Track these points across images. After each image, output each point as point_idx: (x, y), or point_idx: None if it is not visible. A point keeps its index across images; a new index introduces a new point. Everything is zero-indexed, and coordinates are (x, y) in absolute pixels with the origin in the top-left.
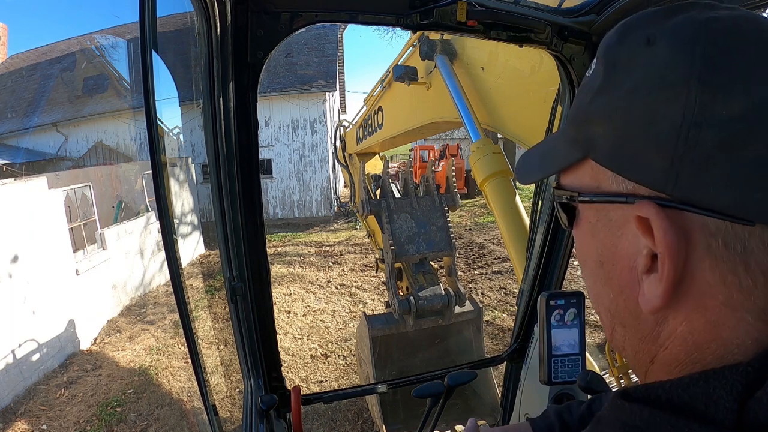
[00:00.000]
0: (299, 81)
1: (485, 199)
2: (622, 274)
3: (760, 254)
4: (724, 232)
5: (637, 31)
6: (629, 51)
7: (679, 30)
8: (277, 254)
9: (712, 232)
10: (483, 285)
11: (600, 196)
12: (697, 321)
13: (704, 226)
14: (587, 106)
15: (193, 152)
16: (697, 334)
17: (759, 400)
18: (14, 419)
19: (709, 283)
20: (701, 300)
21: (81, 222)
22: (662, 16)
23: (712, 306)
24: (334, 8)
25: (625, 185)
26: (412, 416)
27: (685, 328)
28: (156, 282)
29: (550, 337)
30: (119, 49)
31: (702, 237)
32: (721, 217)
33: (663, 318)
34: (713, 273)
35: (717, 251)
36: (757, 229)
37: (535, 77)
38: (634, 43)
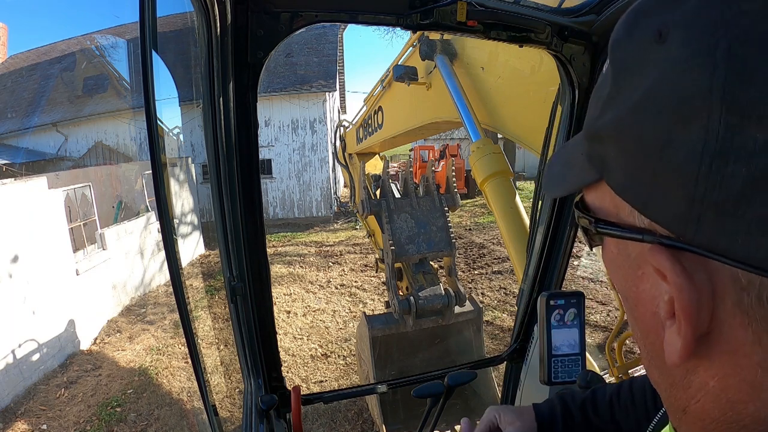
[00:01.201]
0: (299, 81)
1: (485, 199)
2: (646, 317)
3: None
4: (759, 287)
5: (647, 20)
6: (638, 49)
7: (697, 18)
8: (277, 254)
9: (743, 286)
10: (483, 285)
11: (615, 229)
12: (731, 379)
13: (735, 278)
14: (597, 119)
15: (193, 152)
16: (731, 393)
17: None
18: (14, 419)
19: (741, 341)
20: (734, 358)
21: (81, 222)
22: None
23: (747, 365)
24: (334, 8)
25: (641, 219)
26: (412, 416)
27: (717, 384)
28: (156, 282)
29: (550, 337)
30: (119, 49)
31: (732, 290)
32: (755, 270)
33: (693, 367)
34: (746, 331)
35: (750, 308)
36: None
37: (535, 77)
38: (642, 38)
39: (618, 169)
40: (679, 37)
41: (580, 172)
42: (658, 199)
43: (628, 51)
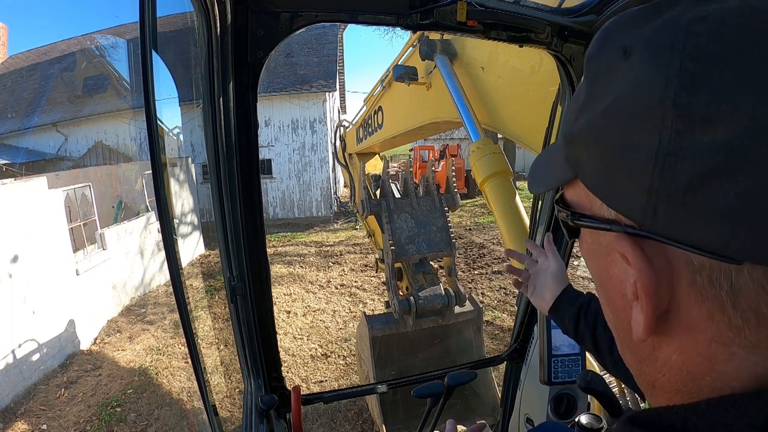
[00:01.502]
0: (299, 81)
1: (485, 199)
2: (616, 299)
3: (750, 293)
4: (709, 269)
5: (615, 38)
6: (608, 62)
7: (656, 38)
8: (277, 254)
9: (696, 268)
10: (483, 285)
11: (589, 220)
12: (689, 353)
13: (688, 261)
14: (572, 124)
15: (193, 152)
16: (691, 366)
17: None
18: (14, 419)
19: (696, 318)
20: (691, 333)
21: (81, 222)
22: (643, 18)
23: (703, 341)
24: (334, 8)
25: (609, 211)
26: (412, 416)
27: (678, 358)
28: (156, 282)
29: (550, 337)
30: (119, 49)
31: (686, 272)
32: (704, 254)
33: (658, 344)
34: (699, 308)
35: (702, 287)
36: (746, 267)
37: (535, 77)
38: (611, 53)
39: (589, 168)
40: (640, 54)
41: (559, 171)
42: (622, 193)
43: (599, 64)
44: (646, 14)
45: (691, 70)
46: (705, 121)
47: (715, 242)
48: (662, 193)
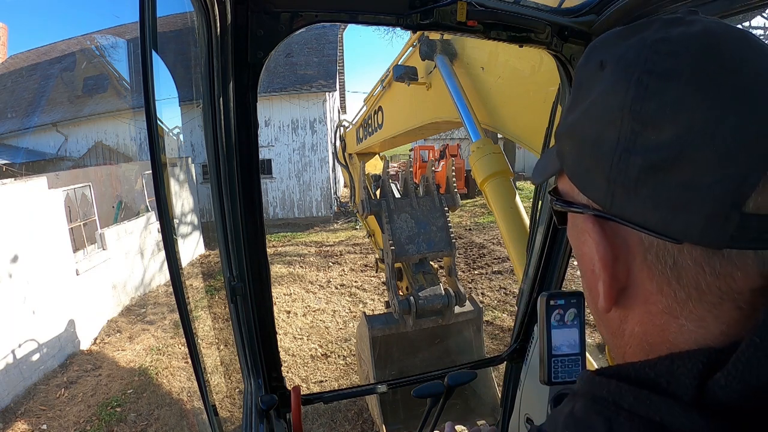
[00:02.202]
0: (299, 81)
1: (485, 199)
2: (587, 275)
3: (691, 271)
4: (656, 247)
5: (596, 53)
6: (588, 73)
7: (624, 55)
8: (277, 254)
9: (646, 247)
10: (483, 285)
11: (566, 205)
12: (647, 324)
13: (641, 240)
14: (562, 122)
15: (193, 152)
16: (649, 336)
17: (717, 381)
18: (14, 419)
19: (649, 291)
20: (646, 306)
21: (81, 222)
22: (618, 38)
23: (656, 312)
24: (334, 8)
25: (582, 197)
26: (412, 416)
27: (640, 329)
28: (156, 282)
29: (550, 337)
30: (119, 49)
31: (639, 250)
32: (650, 234)
33: (624, 317)
34: (651, 282)
35: (652, 263)
36: (686, 247)
37: (535, 77)
38: (592, 65)
39: (570, 159)
40: (612, 67)
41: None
42: (590, 181)
43: (583, 74)
44: (624, 34)
45: (646, 82)
46: (653, 124)
47: (659, 224)
48: (618, 182)
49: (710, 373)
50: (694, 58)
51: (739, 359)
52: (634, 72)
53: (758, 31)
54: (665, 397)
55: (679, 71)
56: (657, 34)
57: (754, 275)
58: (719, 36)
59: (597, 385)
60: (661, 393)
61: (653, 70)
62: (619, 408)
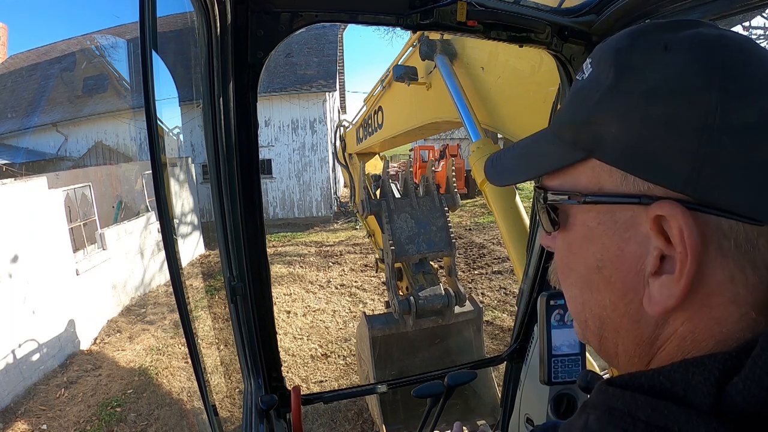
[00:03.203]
0: (299, 81)
1: (485, 199)
2: (628, 277)
3: (765, 252)
4: (737, 233)
5: (652, 36)
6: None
7: (697, 40)
8: (277, 254)
9: (725, 233)
10: (483, 285)
11: (607, 197)
12: (699, 319)
13: (718, 227)
14: (593, 107)
15: (193, 152)
16: (698, 332)
17: (735, 386)
18: (14, 419)
19: (718, 281)
20: (707, 299)
21: (81, 222)
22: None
23: (718, 304)
24: (334, 8)
25: (637, 186)
26: (412, 416)
27: (686, 328)
28: (156, 282)
29: (550, 337)
30: (119, 49)
31: (716, 238)
32: (735, 218)
33: (664, 320)
34: (723, 271)
35: (729, 251)
36: (765, 229)
37: (535, 77)
38: (649, 47)
39: (617, 144)
40: (684, 49)
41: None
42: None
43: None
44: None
45: (730, 65)
46: (743, 104)
47: (745, 206)
48: (707, 162)
49: (727, 378)
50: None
51: (756, 362)
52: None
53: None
54: (682, 406)
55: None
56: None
57: None
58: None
59: (611, 396)
60: (678, 402)
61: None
62: (636, 419)
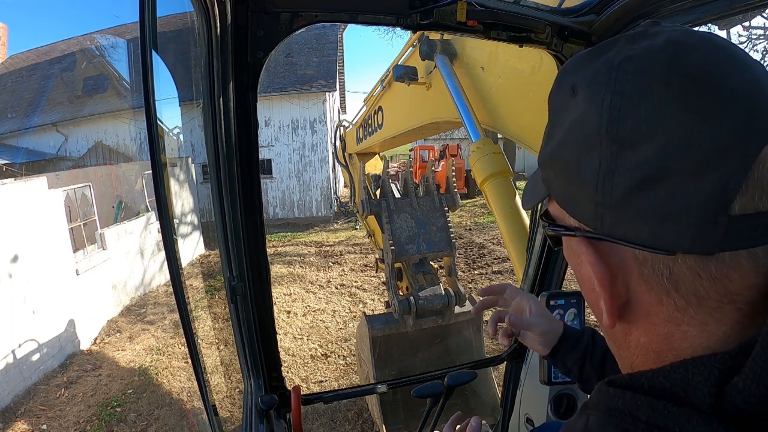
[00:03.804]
0: (299, 81)
1: (485, 199)
2: (589, 293)
3: (688, 278)
4: (651, 261)
5: (567, 78)
6: (562, 98)
7: (594, 78)
8: (277, 254)
9: (641, 261)
10: (483, 285)
11: (560, 229)
12: (651, 334)
13: (634, 256)
14: (542, 150)
15: (193, 152)
16: (655, 345)
17: (735, 386)
18: (14, 419)
19: (649, 303)
20: (648, 317)
21: (81, 222)
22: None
23: (658, 322)
24: (334, 8)
25: (572, 221)
26: (412, 416)
27: (645, 340)
28: (156, 282)
29: None
30: (119, 49)
31: (635, 265)
32: (642, 248)
33: (628, 329)
34: (650, 295)
35: (648, 277)
36: (680, 257)
37: (535, 77)
38: (564, 92)
39: (556, 186)
40: (583, 91)
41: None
42: (578, 205)
43: (557, 100)
44: (591, 56)
45: (618, 104)
46: (631, 144)
47: (650, 239)
48: (605, 202)
49: (727, 378)
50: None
51: (756, 361)
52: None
53: (758, 31)
54: (682, 407)
55: (649, 88)
56: (622, 54)
57: (749, 273)
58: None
59: (611, 396)
60: (677, 403)
61: (623, 91)
62: (637, 420)
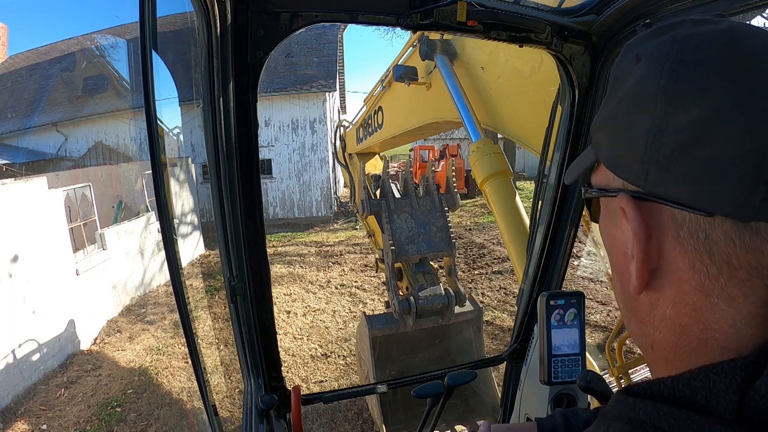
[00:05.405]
0: (299, 81)
1: (485, 199)
2: (620, 259)
3: (722, 245)
4: (689, 222)
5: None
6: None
7: (657, 48)
8: (277, 254)
9: (679, 223)
10: (483, 285)
11: (600, 191)
12: (679, 305)
13: (672, 217)
14: (597, 116)
15: (193, 152)
16: (681, 318)
17: (758, 390)
18: (14, 419)
19: (681, 268)
20: (679, 285)
21: (81, 222)
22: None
23: (688, 290)
24: (334, 8)
25: (617, 182)
26: (412, 416)
27: (672, 312)
28: (156, 282)
29: (550, 337)
30: (119, 49)
31: (671, 226)
32: (683, 208)
33: (655, 301)
34: (683, 259)
35: (684, 239)
36: (717, 220)
37: (535, 77)
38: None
39: (605, 148)
40: (645, 59)
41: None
42: (625, 164)
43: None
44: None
45: (677, 69)
46: (683, 106)
47: (691, 198)
48: (652, 160)
49: (749, 383)
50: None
51: None
52: (666, 61)
53: None
54: (705, 415)
55: (706, 60)
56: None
57: None
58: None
59: (632, 407)
60: (699, 412)
61: (683, 59)
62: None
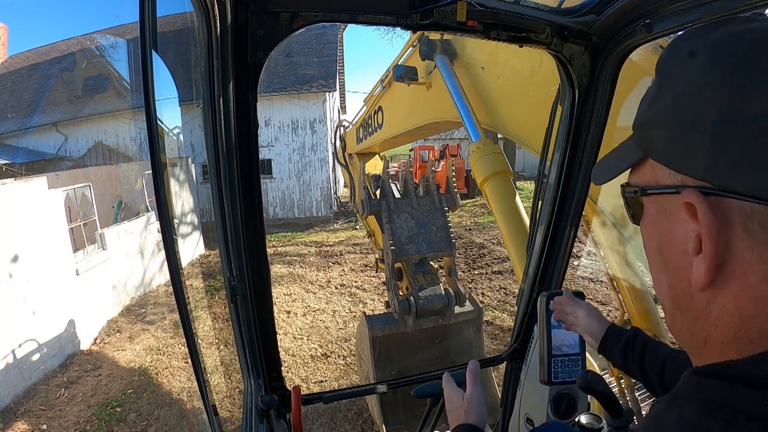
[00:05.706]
0: (299, 81)
1: (485, 199)
2: (677, 257)
3: None
4: (759, 214)
5: (683, 45)
6: (676, 63)
7: (716, 42)
8: (277, 254)
9: (748, 215)
10: (483, 285)
11: (657, 189)
12: (742, 297)
13: (741, 210)
14: (646, 112)
15: (193, 152)
16: (743, 310)
17: None
18: (14, 419)
19: (748, 261)
20: (744, 278)
21: (81, 222)
22: (704, 31)
23: (754, 282)
24: (334, 8)
25: (676, 178)
26: (412, 416)
27: (732, 305)
28: (156, 282)
29: (550, 337)
30: (119, 49)
31: (740, 219)
32: (755, 200)
33: (713, 297)
34: (752, 252)
35: (753, 232)
36: None
37: (535, 77)
38: (679, 56)
39: (660, 144)
40: (704, 53)
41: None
42: (688, 159)
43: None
44: (707, 29)
45: (741, 63)
46: (752, 96)
47: (762, 189)
48: (722, 152)
49: None
50: None
51: None
52: (729, 55)
53: None
54: None
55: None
56: (739, 28)
57: None
58: None
59: (706, 387)
60: None
61: (746, 54)
62: (737, 411)
